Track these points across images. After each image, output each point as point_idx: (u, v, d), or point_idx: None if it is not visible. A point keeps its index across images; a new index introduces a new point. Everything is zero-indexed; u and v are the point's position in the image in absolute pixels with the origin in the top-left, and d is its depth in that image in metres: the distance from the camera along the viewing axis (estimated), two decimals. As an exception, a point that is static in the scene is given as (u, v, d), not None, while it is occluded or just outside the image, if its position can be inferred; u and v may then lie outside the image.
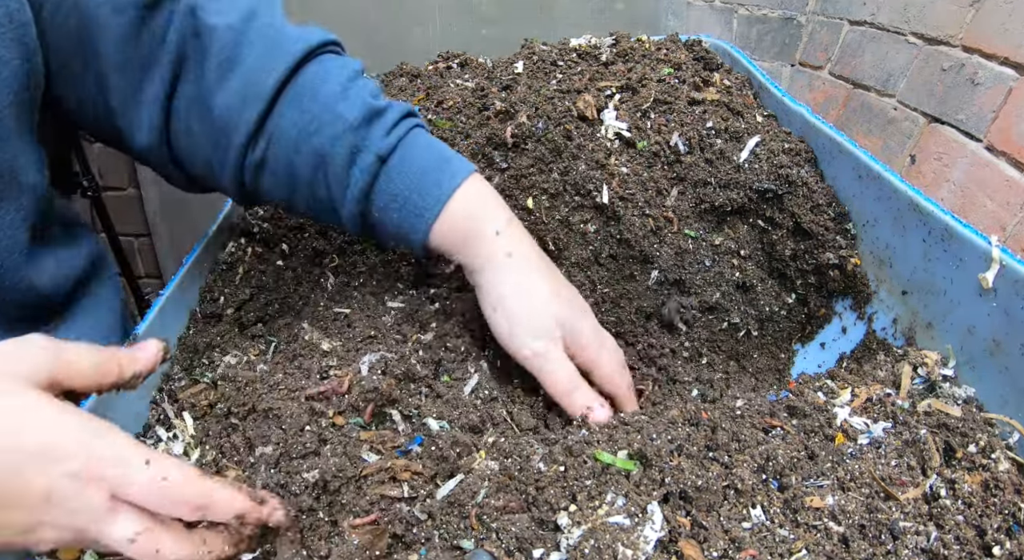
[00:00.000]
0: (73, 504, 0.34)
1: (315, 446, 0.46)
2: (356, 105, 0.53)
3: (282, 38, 0.53)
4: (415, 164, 0.53)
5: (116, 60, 0.52)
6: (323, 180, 0.54)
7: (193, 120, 0.54)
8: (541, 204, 0.68)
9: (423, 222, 0.53)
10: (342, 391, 0.49)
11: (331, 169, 0.53)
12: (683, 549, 0.39)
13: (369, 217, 0.55)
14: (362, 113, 0.52)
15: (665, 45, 0.85)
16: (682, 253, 0.68)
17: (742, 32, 1.67)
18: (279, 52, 0.52)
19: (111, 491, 0.35)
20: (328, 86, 0.53)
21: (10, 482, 0.33)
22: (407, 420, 0.50)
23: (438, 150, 0.55)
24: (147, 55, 0.52)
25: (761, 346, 0.71)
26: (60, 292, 0.59)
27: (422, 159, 0.54)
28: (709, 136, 0.71)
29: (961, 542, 0.40)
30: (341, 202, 0.54)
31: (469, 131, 0.72)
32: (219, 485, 0.38)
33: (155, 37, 0.52)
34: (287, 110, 0.52)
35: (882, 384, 0.51)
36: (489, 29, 1.66)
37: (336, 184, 0.53)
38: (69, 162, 0.77)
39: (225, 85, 0.52)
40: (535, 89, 0.75)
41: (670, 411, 0.53)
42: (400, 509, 0.44)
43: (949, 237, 0.53)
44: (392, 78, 0.83)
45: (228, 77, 0.52)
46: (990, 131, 1.13)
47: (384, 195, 0.53)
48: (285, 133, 0.53)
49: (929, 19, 1.24)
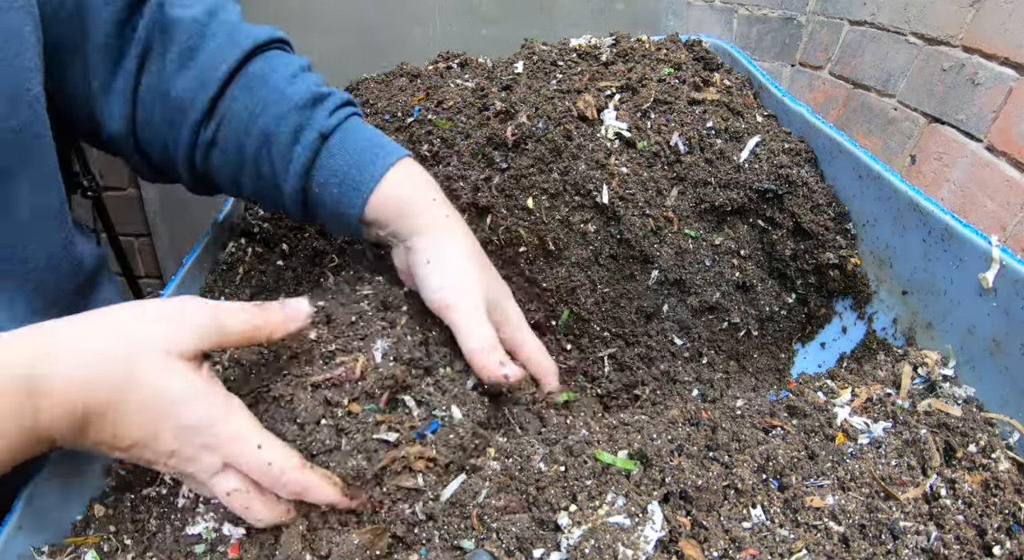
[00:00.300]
0: (191, 462, 0.43)
1: (334, 441, 0.46)
2: (302, 89, 0.57)
3: (238, 32, 0.58)
4: (354, 144, 0.57)
5: (100, 46, 0.55)
6: (267, 157, 0.57)
7: (156, 108, 0.57)
8: (541, 204, 0.68)
9: (360, 196, 0.56)
10: (355, 378, 0.49)
11: (275, 147, 0.56)
12: (683, 549, 0.39)
13: (309, 194, 0.58)
14: (307, 96, 0.56)
15: (665, 45, 0.85)
16: (682, 253, 0.68)
17: (742, 32, 1.67)
18: (234, 43, 0.57)
19: (224, 459, 0.43)
20: (277, 74, 0.57)
21: (150, 434, 0.41)
22: (421, 406, 0.50)
23: (376, 134, 0.59)
24: (122, 47, 0.56)
25: (761, 346, 0.71)
26: (90, 279, 0.61)
27: (361, 140, 0.57)
28: (709, 136, 0.71)
29: (961, 542, 0.40)
30: (284, 178, 0.57)
31: (469, 131, 0.72)
32: (316, 478, 0.44)
33: (131, 30, 0.56)
34: (238, 94, 0.57)
35: (882, 384, 0.51)
36: (489, 29, 1.66)
37: (280, 160, 0.56)
38: (69, 162, 0.77)
39: (184, 73, 0.56)
40: (535, 89, 0.75)
41: (670, 411, 0.53)
42: (401, 509, 0.44)
43: (949, 237, 0.53)
44: (392, 78, 0.83)
45: (188, 65, 0.56)
46: (990, 131, 1.13)
47: (324, 171, 0.56)
48: (236, 115, 0.57)
49: (929, 19, 1.24)
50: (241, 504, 0.44)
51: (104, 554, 0.46)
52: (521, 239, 0.68)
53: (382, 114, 0.76)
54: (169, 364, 0.41)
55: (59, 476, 0.49)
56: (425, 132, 0.73)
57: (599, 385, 0.68)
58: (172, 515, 0.49)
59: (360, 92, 0.81)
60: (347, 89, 0.83)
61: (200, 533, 0.47)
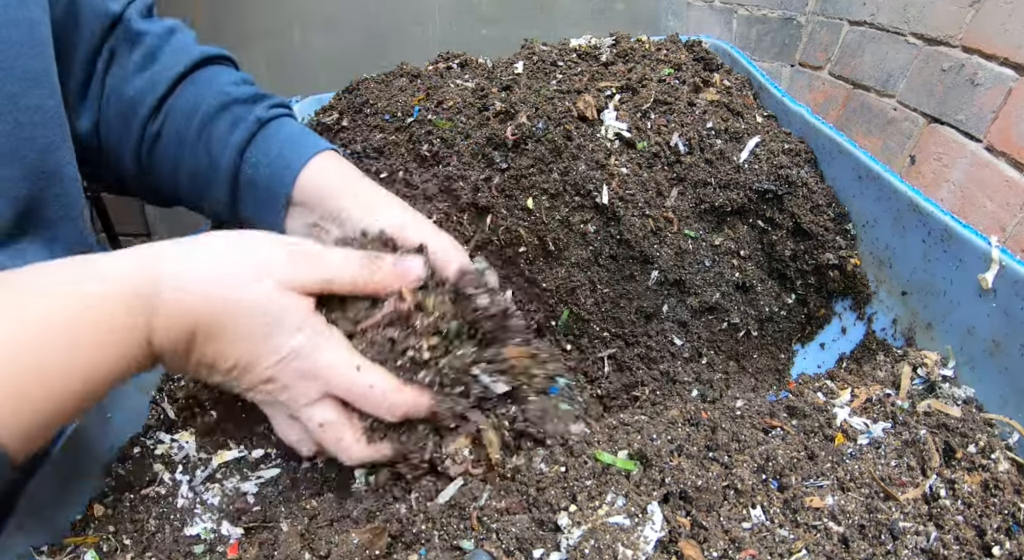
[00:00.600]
0: (287, 390, 0.44)
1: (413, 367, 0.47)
2: (245, 90, 0.62)
3: (192, 47, 0.64)
4: (289, 131, 0.61)
5: (83, 59, 0.59)
6: (205, 144, 0.60)
7: (113, 107, 0.61)
8: (541, 204, 0.68)
9: (290, 174, 0.58)
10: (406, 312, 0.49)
11: (214, 132, 0.60)
12: (683, 549, 0.39)
13: (242, 176, 0.60)
14: (249, 94, 0.62)
15: (665, 45, 0.85)
16: (682, 253, 0.68)
17: (742, 32, 1.67)
18: (187, 53, 0.62)
19: (324, 388, 0.44)
20: (223, 78, 0.63)
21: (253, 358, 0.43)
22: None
23: (307, 130, 0.63)
24: (96, 58, 0.60)
25: (761, 346, 0.71)
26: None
27: (294, 130, 0.62)
28: (709, 136, 0.71)
29: (961, 542, 0.40)
30: (219, 161, 0.60)
31: (469, 131, 0.72)
32: (416, 395, 0.45)
33: (104, 44, 0.60)
34: (185, 92, 0.61)
35: (882, 384, 0.51)
36: (489, 29, 1.66)
37: (217, 143, 0.60)
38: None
39: (141, 74, 0.61)
40: (535, 89, 0.75)
41: (670, 411, 0.53)
42: (399, 510, 0.44)
43: (949, 237, 0.53)
44: (392, 78, 0.83)
45: (144, 70, 0.61)
46: (990, 131, 1.13)
47: (258, 152, 0.60)
48: (180, 109, 0.61)
49: (929, 19, 1.24)
50: (335, 436, 0.45)
51: (104, 554, 0.46)
52: (521, 239, 0.68)
53: (382, 114, 0.76)
54: (282, 293, 0.43)
55: (58, 476, 0.49)
56: (425, 132, 0.73)
57: (599, 385, 0.68)
58: (171, 515, 0.49)
59: (360, 92, 0.81)
60: (347, 89, 0.83)
61: (199, 533, 0.47)
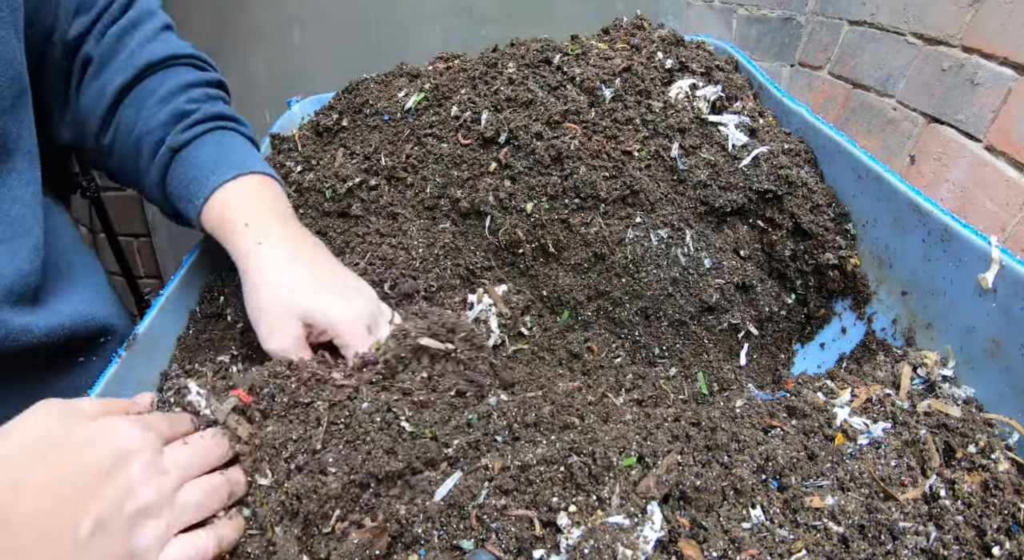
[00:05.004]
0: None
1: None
2: (169, 109, 0.62)
3: (141, 51, 0.63)
4: (199, 158, 0.60)
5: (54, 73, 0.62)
6: (143, 168, 0.63)
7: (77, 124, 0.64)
8: (541, 206, 0.68)
9: (194, 209, 0.59)
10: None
11: (142, 161, 0.62)
12: (683, 549, 0.39)
13: (171, 202, 0.62)
14: (170, 116, 0.61)
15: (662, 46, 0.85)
16: (682, 254, 0.68)
17: (742, 32, 1.67)
18: (132, 65, 0.62)
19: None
20: (159, 93, 0.62)
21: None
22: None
23: (227, 150, 0.62)
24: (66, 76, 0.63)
25: (761, 346, 0.71)
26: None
27: (206, 155, 0.60)
28: (709, 138, 0.71)
29: (961, 542, 0.40)
30: (153, 190, 0.63)
31: (468, 132, 0.72)
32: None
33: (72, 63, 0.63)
34: (126, 108, 0.63)
35: (882, 384, 0.51)
36: (489, 29, 1.66)
37: (144, 173, 0.63)
38: (66, 163, 0.77)
39: (89, 87, 0.62)
40: (532, 91, 0.75)
41: (669, 411, 0.53)
42: (399, 510, 0.44)
43: (949, 237, 0.53)
44: (392, 78, 0.83)
45: (93, 81, 0.62)
46: (990, 131, 1.13)
47: (173, 181, 0.61)
48: (124, 130, 0.63)
49: (929, 19, 1.24)
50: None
51: None
52: (520, 241, 0.69)
53: (382, 114, 0.76)
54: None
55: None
56: (424, 133, 0.73)
57: (599, 385, 0.68)
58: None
59: (360, 92, 0.81)
60: (347, 89, 0.83)
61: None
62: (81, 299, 0.63)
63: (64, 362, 0.62)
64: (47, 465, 0.36)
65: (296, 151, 0.79)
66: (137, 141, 0.62)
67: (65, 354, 0.61)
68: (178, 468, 0.42)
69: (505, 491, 0.44)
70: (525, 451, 0.47)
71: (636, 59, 0.76)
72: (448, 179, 0.71)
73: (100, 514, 0.36)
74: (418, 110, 0.75)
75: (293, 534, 0.44)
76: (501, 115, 0.71)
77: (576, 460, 0.45)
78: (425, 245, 0.69)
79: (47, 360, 0.59)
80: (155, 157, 0.61)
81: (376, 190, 0.72)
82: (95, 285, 0.67)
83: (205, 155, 0.60)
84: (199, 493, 0.43)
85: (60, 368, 0.62)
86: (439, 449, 0.49)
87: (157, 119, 0.61)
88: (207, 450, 0.45)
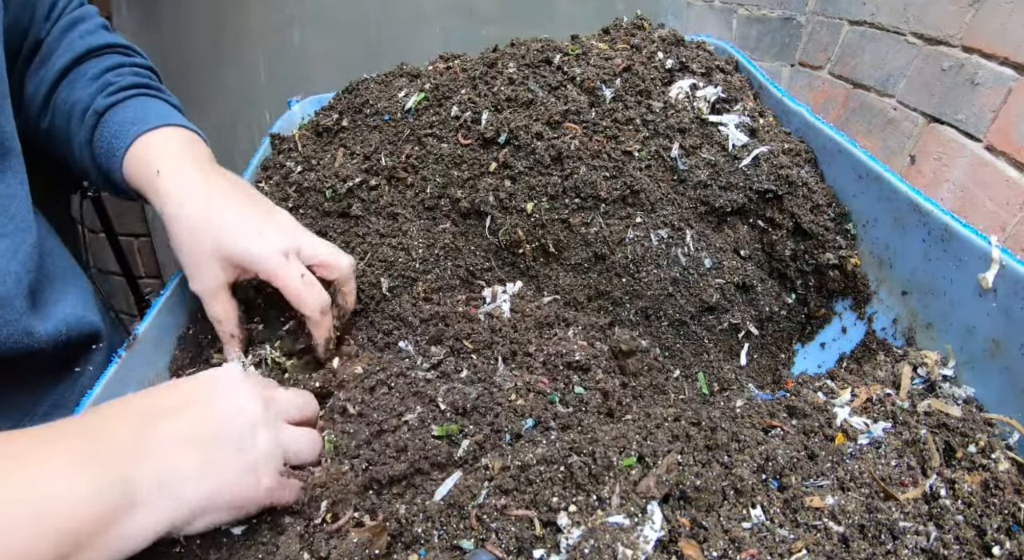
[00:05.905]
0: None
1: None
2: (98, 84, 0.66)
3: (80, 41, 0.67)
4: (123, 116, 0.63)
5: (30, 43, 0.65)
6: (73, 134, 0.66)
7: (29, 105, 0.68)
8: (541, 206, 0.68)
9: (116, 162, 0.61)
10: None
11: (72, 129, 0.65)
12: (683, 549, 0.39)
13: (97, 162, 0.64)
14: (98, 88, 0.66)
15: (662, 46, 0.85)
16: (682, 254, 0.68)
17: (742, 32, 1.67)
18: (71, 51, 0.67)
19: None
20: (91, 73, 0.67)
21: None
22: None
23: (150, 108, 0.65)
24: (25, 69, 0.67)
25: (761, 346, 0.71)
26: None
27: (130, 113, 0.64)
28: (708, 138, 0.71)
29: (961, 542, 0.40)
30: (83, 152, 0.65)
31: (468, 132, 0.72)
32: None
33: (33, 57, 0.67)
34: (62, 90, 0.66)
35: (882, 384, 0.51)
36: (489, 29, 1.66)
37: (73, 139, 0.66)
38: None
39: (35, 76, 0.67)
40: (532, 91, 0.75)
41: (669, 411, 0.53)
42: (399, 510, 0.44)
43: (949, 237, 0.53)
44: (392, 78, 0.83)
45: (39, 70, 0.66)
46: (990, 131, 1.13)
47: (99, 142, 0.63)
48: (59, 108, 0.66)
49: (929, 19, 1.24)
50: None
51: None
52: (521, 241, 0.69)
53: (382, 114, 0.76)
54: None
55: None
56: (424, 133, 0.73)
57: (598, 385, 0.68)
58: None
59: (360, 92, 0.81)
60: (347, 89, 0.83)
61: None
62: (74, 303, 0.63)
63: (63, 368, 0.62)
64: (220, 400, 0.46)
65: (296, 151, 0.79)
66: (68, 113, 0.66)
67: (62, 360, 0.62)
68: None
69: (505, 491, 0.44)
70: (525, 451, 0.47)
71: (636, 59, 0.76)
72: (448, 179, 0.71)
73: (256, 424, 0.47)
74: (418, 110, 0.75)
75: (296, 532, 0.44)
76: (501, 115, 0.71)
77: (576, 460, 0.45)
78: (425, 245, 0.69)
79: (46, 364, 0.59)
80: (83, 121, 0.64)
81: (376, 190, 0.72)
82: (83, 291, 0.67)
83: (130, 113, 0.63)
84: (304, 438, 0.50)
85: (59, 373, 0.62)
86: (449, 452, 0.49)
87: (87, 92, 0.65)
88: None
